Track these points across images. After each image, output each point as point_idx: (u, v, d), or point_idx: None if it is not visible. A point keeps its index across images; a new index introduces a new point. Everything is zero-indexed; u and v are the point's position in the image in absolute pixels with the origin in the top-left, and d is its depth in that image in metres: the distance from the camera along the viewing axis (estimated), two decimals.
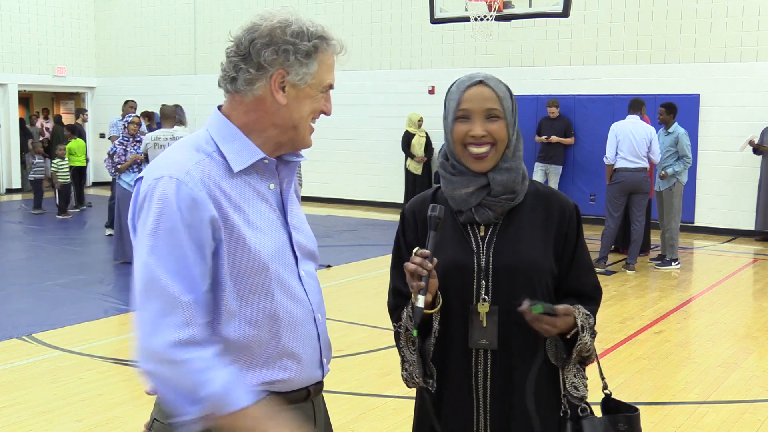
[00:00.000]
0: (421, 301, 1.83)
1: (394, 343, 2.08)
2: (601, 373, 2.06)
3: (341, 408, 4.69)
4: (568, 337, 1.95)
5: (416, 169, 13.66)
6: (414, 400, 2.16)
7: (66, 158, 13.27)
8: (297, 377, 1.80)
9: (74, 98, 19.52)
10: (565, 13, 9.40)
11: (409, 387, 2.06)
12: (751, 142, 10.92)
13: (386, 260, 9.29)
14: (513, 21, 10.65)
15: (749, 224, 11.50)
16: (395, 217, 13.44)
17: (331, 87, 1.82)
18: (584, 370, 2.04)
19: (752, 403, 4.90)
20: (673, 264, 9.13)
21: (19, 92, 17.57)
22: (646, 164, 8.95)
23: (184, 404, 1.61)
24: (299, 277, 1.83)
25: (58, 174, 13.10)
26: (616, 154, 8.95)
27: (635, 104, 9.21)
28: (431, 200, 2.07)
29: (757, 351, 6.01)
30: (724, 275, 8.86)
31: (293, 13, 1.76)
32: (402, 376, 2.06)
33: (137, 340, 1.64)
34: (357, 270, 8.96)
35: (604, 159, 9.16)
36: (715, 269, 9.16)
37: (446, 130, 2.02)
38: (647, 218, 9.50)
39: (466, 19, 9.78)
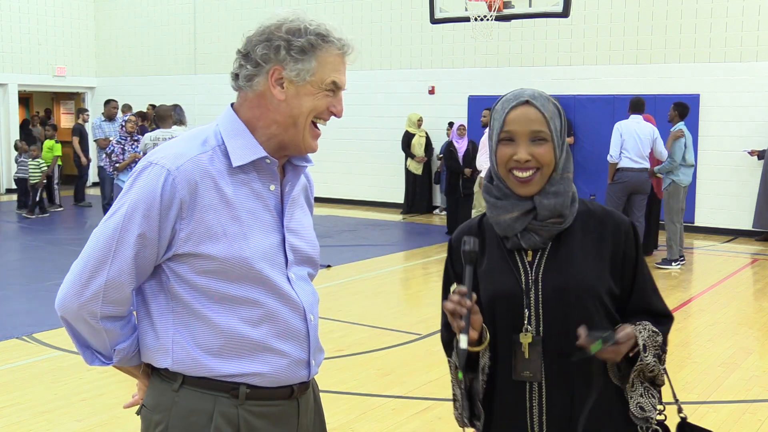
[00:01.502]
0: (463, 342, 1.71)
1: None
2: (674, 396, 1.95)
3: (341, 408, 4.69)
4: (630, 355, 1.82)
5: (416, 169, 13.67)
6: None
7: (38, 158, 13.36)
8: (279, 373, 1.81)
9: (74, 98, 19.52)
10: (565, 13, 9.41)
11: (460, 426, 1.95)
12: (752, 153, 11.01)
13: (386, 260, 9.26)
14: (513, 21, 10.66)
15: (749, 224, 11.49)
16: (395, 218, 13.46)
17: (336, 86, 1.81)
18: (655, 389, 1.90)
19: (752, 403, 4.90)
20: (672, 264, 9.13)
21: (19, 92, 17.58)
22: (648, 165, 8.98)
23: (93, 355, 1.86)
24: (288, 279, 1.84)
25: (29, 173, 13.29)
26: (621, 153, 8.96)
27: (638, 104, 9.19)
28: (477, 227, 1.96)
29: (757, 351, 6.01)
30: (724, 275, 8.85)
31: (298, 14, 1.78)
32: (454, 415, 1.96)
33: (64, 288, 1.80)
34: (357, 270, 8.95)
35: (609, 158, 9.15)
36: (715, 269, 9.16)
37: (490, 151, 1.90)
38: (655, 218, 9.57)
39: (466, 19, 9.78)
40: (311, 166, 1.96)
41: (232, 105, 1.86)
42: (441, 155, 13.60)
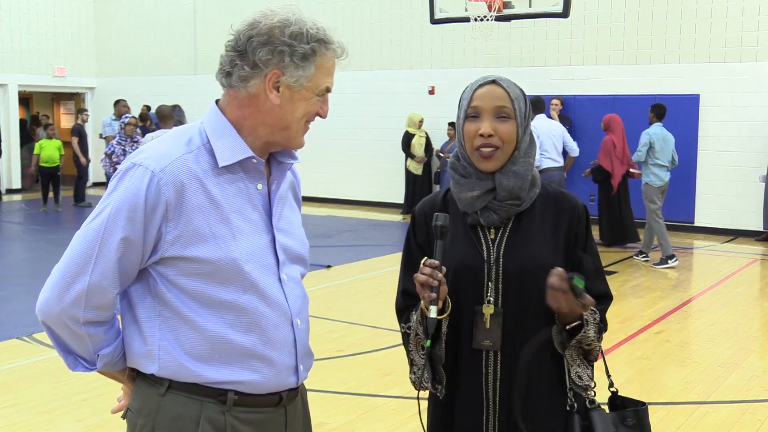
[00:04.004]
0: (433, 312, 1.84)
1: (400, 344, 2.05)
2: (607, 371, 2.06)
3: (341, 408, 4.69)
4: (568, 328, 1.94)
5: (416, 169, 13.66)
6: (427, 402, 2.14)
7: None
8: (267, 381, 1.79)
9: (74, 98, 19.52)
10: (565, 13, 9.41)
11: (417, 389, 2.05)
12: None
13: (386, 260, 9.24)
14: (513, 21, 10.65)
15: (749, 224, 11.50)
16: (395, 218, 13.45)
17: (328, 90, 1.80)
18: (589, 364, 2.02)
19: (752, 403, 4.90)
20: (669, 262, 9.24)
21: (19, 92, 17.58)
22: (562, 162, 9.57)
23: (76, 361, 1.82)
24: (279, 280, 1.81)
25: None
26: (541, 155, 9.35)
27: (539, 103, 9.60)
28: (442, 201, 2.08)
29: (757, 351, 6.01)
30: (724, 275, 8.86)
31: (296, 13, 1.74)
32: (410, 378, 2.05)
33: (45, 292, 1.75)
34: (357, 270, 8.95)
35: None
36: (715, 269, 9.16)
37: (457, 130, 2.02)
38: (623, 211, 10.23)
39: (466, 20, 9.78)
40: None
41: (216, 102, 1.83)
42: (440, 152, 13.61)
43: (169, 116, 8.82)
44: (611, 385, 2.05)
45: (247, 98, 1.76)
